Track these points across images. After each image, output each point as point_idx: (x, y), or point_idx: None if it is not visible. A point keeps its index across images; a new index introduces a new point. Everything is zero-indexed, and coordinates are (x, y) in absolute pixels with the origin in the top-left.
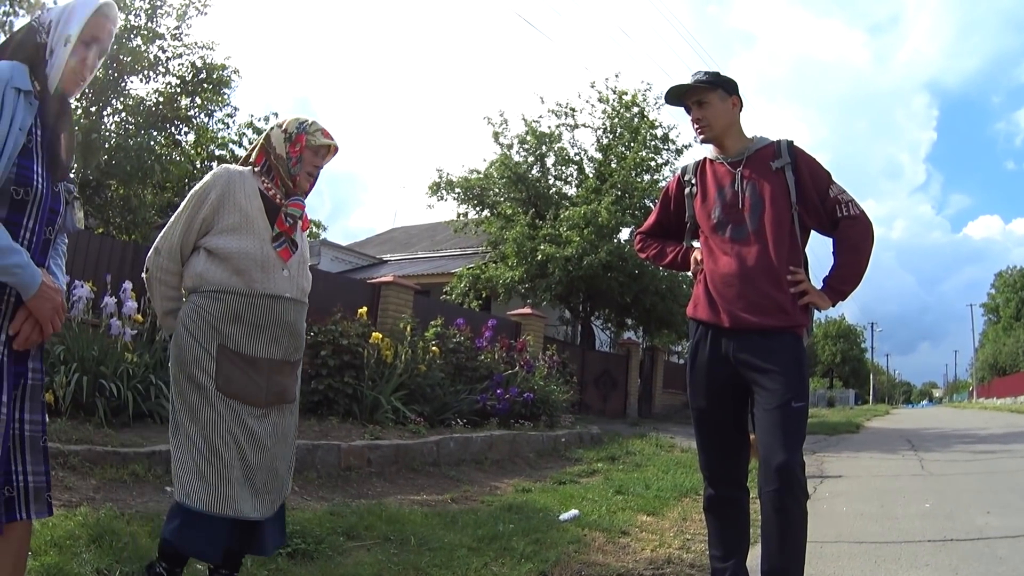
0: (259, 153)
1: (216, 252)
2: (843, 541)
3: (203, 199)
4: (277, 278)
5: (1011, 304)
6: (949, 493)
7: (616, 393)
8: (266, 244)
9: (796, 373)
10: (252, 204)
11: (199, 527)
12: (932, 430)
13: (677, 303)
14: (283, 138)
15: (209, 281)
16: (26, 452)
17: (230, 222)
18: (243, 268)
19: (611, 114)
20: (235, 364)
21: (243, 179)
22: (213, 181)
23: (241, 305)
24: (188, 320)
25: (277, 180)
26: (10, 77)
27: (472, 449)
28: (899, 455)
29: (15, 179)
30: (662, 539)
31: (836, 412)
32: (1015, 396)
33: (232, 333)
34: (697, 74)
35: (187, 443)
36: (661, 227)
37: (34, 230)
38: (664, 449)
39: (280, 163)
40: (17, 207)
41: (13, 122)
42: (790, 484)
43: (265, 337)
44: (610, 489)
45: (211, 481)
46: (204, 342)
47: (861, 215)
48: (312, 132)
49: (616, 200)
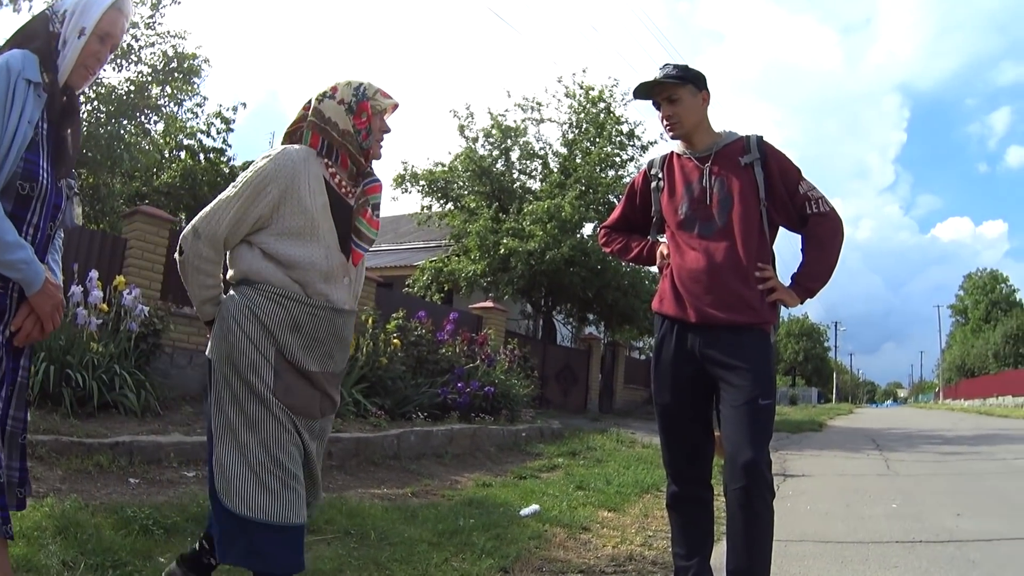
0: (313, 134)
1: (276, 257)
2: (808, 540)
3: (261, 192)
4: (339, 288)
5: (980, 306)
6: (916, 494)
7: (577, 388)
8: (331, 251)
9: (763, 370)
10: (317, 202)
11: (278, 540)
12: (897, 430)
13: (639, 299)
14: (343, 111)
15: (267, 280)
16: (3, 446)
17: (293, 225)
18: (307, 279)
19: (577, 109)
20: (292, 374)
21: (307, 169)
22: (274, 171)
23: (302, 315)
24: (243, 319)
25: (345, 160)
26: (21, 68)
27: (433, 443)
28: (864, 454)
29: (22, 174)
30: (624, 535)
31: (799, 410)
32: (983, 398)
33: (289, 343)
34: (666, 67)
35: (243, 454)
36: (626, 221)
37: (38, 225)
38: (625, 445)
39: (348, 139)
40: (22, 202)
41: (23, 115)
42: (757, 482)
43: (321, 351)
44: (571, 484)
45: (278, 492)
46: (262, 347)
47: (831, 212)
48: (373, 96)
49: (580, 195)
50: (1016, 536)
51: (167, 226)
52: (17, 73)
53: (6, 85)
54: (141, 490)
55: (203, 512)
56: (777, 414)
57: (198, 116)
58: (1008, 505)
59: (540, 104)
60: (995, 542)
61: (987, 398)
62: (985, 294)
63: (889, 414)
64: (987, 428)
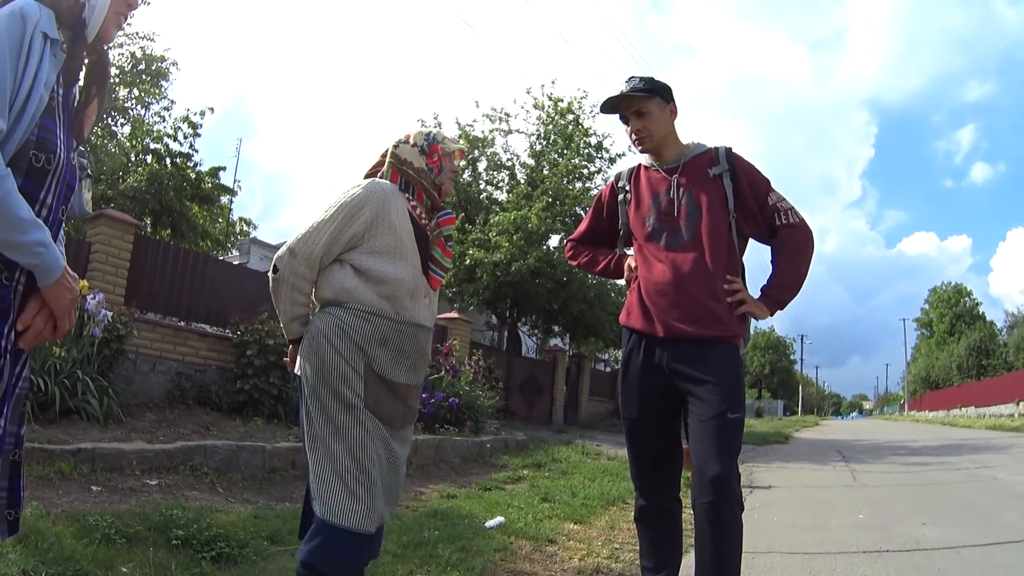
0: (392, 172)
1: (368, 273)
2: (776, 552)
3: (355, 213)
4: (421, 306)
5: (945, 319)
6: (883, 504)
7: (542, 400)
8: (417, 271)
9: (732, 384)
10: (403, 227)
11: (351, 545)
12: (863, 441)
13: (605, 311)
14: (417, 152)
15: (358, 300)
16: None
17: (384, 244)
18: (395, 295)
19: (546, 120)
20: (380, 386)
21: (396, 198)
22: (367, 196)
23: (389, 330)
24: (334, 336)
25: (421, 195)
26: (39, 19)
27: None
28: (830, 466)
29: (36, 142)
30: (590, 548)
31: (765, 422)
32: (947, 409)
33: (378, 356)
34: (632, 80)
35: (332, 461)
36: (593, 234)
37: (51, 207)
38: (591, 457)
39: (423, 176)
40: (36, 177)
41: (39, 75)
42: (725, 496)
43: (406, 364)
44: (536, 496)
45: (362, 498)
46: (352, 361)
47: (800, 223)
48: (442, 140)
49: (547, 207)
50: (980, 543)
51: (132, 230)
52: (34, 24)
53: (21, 36)
54: (103, 498)
55: (165, 521)
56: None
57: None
58: (972, 513)
59: (508, 115)
60: (960, 549)
61: (951, 409)
62: (950, 307)
63: (855, 426)
64: (951, 439)
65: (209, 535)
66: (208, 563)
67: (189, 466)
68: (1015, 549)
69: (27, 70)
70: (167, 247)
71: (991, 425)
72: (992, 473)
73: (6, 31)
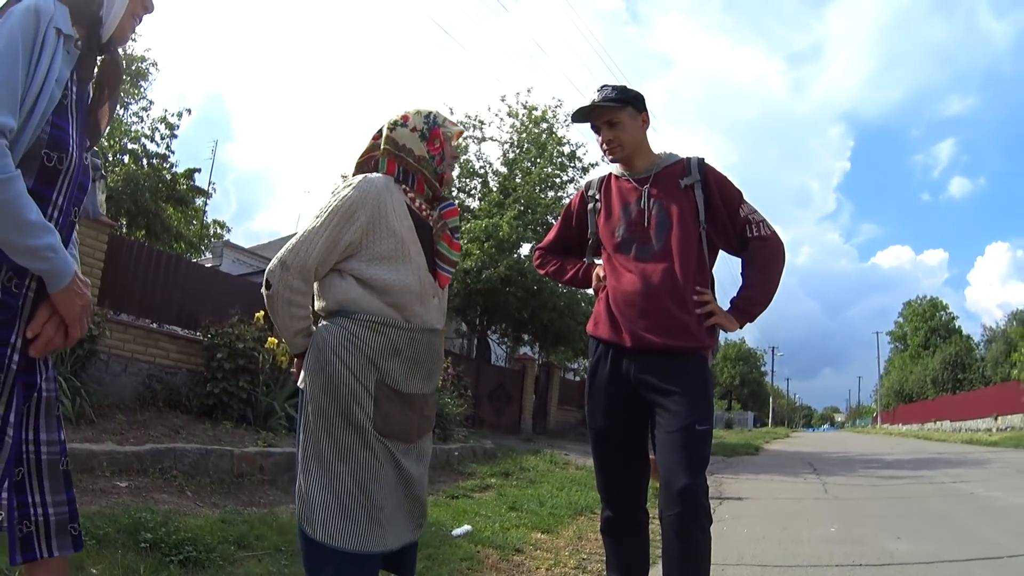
0: (389, 161)
1: (370, 283)
2: (745, 564)
3: (349, 218)
4: (431, 309)
5: (919, 333)
6: (855, 517)
7: (511, 408)
8: (422, 272)
9: (700, 395)
10: (403, 225)
11: (355, 566)
12: (835, 454)
13: (575, 320)
14: (417, 137)
15: (366, 309)
16: (44, 479)
17: (384, 249)
18: (403, 303)
19: (519, 129)
20: (393, 401)
21: (391, 193)
22: (360, 197)
23: (402, 340)
24: (342, 350)
25: (421, 185)
26: (53, 13)
27: None
28: (801, 478)
29: (48, 141)
30: (557, 558)
31: (735, 434)
32: (921, 423)
33: (390, 368)
34: (604, 89)
35: (331, 482)
36: (562, 243)
37: (63, 208)
38: (559, 466)
39: (424, 164)
40: (47, 177)
41: (51, 71)
42: (693, 509)
43: (421, 372)
44: (504, 505)
45: (360, 519)
46: (363, 378)
47: (772, 236)
48: (443, 123)
49: (518, 215)
50: (956, 558)
51: (106, 231)
52: (48, 19)
53: (34, 31)
54: None
55: (134, 524)
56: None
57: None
58: (947, 528)
59: (483, 122)
60: (935, 564)
61: (925, 423)
62: (924, 321)
63: (826, 438)
64: (926, 452)
65: (177, 539)
66: (176, 567)
67: (158, 468)
68: (992, 565)
69: (39, 65)
70: (141, 248)
71: (967, 439)
72: (968, 488)
73: (20, 26)
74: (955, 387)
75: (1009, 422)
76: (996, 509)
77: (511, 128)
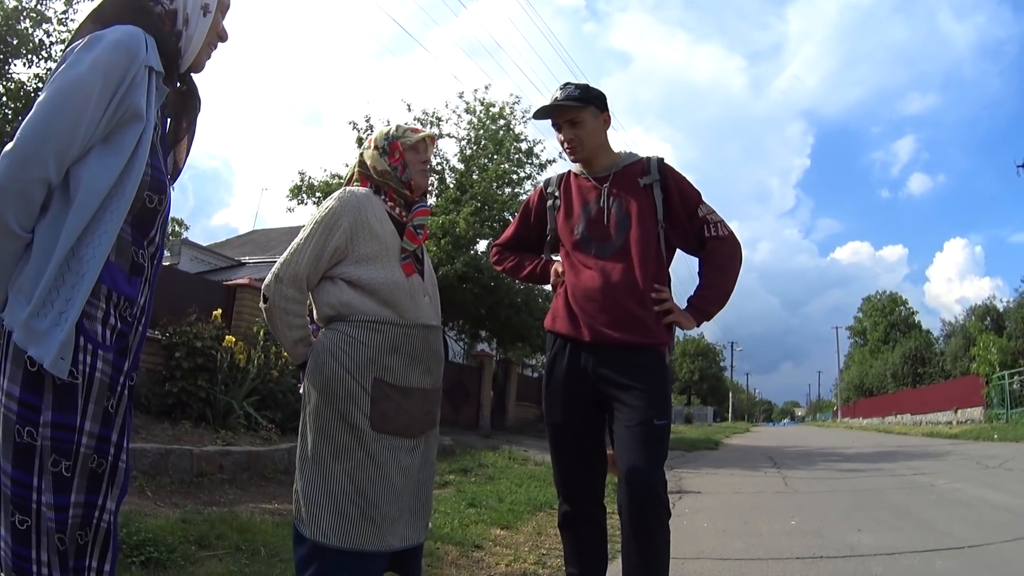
0: (361, 180)
1: (360, 284)
2: (705, 558)
3: (333, 226)
4: (423, 306)
5: (879, 328)
6: (816, 510)
7: (469, 405)
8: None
9: (659, 391)
10: (385, 228)
11: (349, 567)
12: (795, 448)
13: (532, 316)
14: (378, 155)
15: (361, 311)
16: (112, 485)
17: (369, 250)
18: (393, 299)
19: (477, 125)
20: (391, 398)
21: (371, 202)
22: (341, 206)
23: (399, 336)
24: (340, 352)
25: (392, 195)
26: (145, 51)
27: None
28: (761, 472)
29: (150, 183)
30: (517, 554)
31: (694, 428)
32: (881, 416)
33: (390, 365)
34: (567, 87)
35: (326, 481)
36: (520, 239)
37: (158, 244)
38: (518, 462)
39: (387, 178)
40: (146, 218)
41: (149, 115)
42: (652, 503)
43: (420, 368)
44: (463, 502)
45: (353, 518)
46: (359, 377)
47: (729, 236)
48: (402, 135)
49: (475, 211)
50: (917, 549)
51: None
52: (142, 59)
53: (123, 71)
54: None
55: None
56: (672, 432)
57: None
58: (909, 519)
59: (440, 119)
60: (897, 555)
61: (886, 416)
62: (884, 316)
63: (786, 432)
64: (887, 445)
65: (138, 539)
66: (137, 568)
67: None
68: (955, 555)
69: (148, 111)
70: None
71: (928, 432)
72: (930, 480)
73: (103, 65)
74: (915, 381)
75: (969, 415)
76: (956, 500)
77: (468, 124)
